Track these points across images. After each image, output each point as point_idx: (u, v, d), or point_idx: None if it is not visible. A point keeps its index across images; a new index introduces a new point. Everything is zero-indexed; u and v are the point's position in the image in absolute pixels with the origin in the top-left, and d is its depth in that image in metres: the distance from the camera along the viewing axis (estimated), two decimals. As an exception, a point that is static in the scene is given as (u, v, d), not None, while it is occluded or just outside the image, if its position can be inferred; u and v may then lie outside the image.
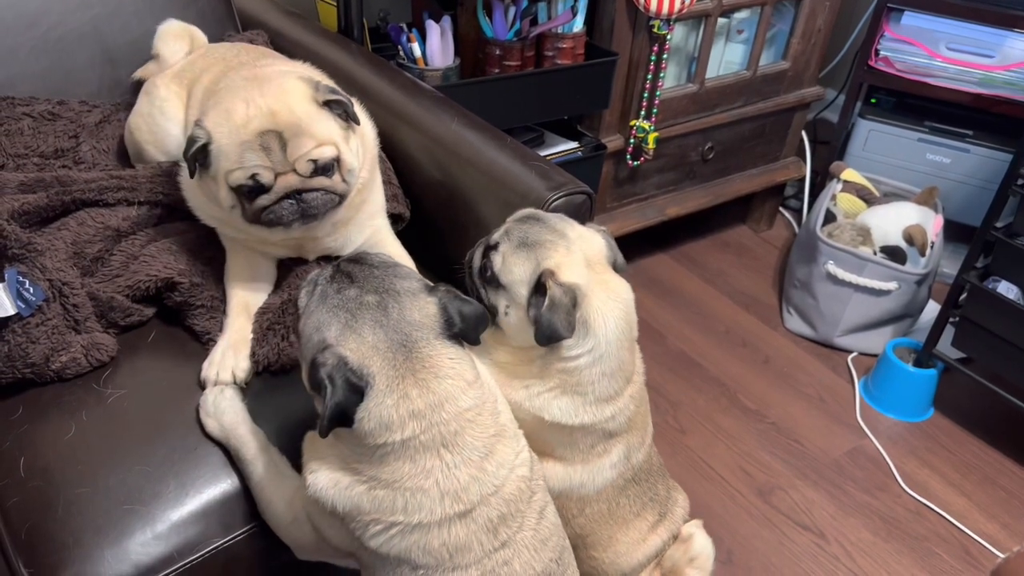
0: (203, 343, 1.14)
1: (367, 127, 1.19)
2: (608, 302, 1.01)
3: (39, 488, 0.98)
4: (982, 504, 1.74)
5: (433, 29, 1.60)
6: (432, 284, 0.92)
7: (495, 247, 1.02)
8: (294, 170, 1.02)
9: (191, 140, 1.02)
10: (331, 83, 1.12)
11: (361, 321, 0.86)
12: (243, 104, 1.01)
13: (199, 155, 1.02)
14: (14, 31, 1.39)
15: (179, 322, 1.18)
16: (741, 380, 2.02)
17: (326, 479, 0.90)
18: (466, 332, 0.91)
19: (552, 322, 0.96)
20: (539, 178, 1.21)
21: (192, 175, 1.06)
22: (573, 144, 1.90)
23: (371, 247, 1.20)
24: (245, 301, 1.14)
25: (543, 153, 1.85)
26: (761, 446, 1.83)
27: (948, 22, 2.11)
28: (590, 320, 1.00)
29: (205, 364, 1.09)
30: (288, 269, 1.21)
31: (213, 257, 1.18)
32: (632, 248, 2.34)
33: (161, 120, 1.28)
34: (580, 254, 1.01)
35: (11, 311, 0.99)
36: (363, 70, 1.45)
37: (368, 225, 1.21)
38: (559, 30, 1.73)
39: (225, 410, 1.04)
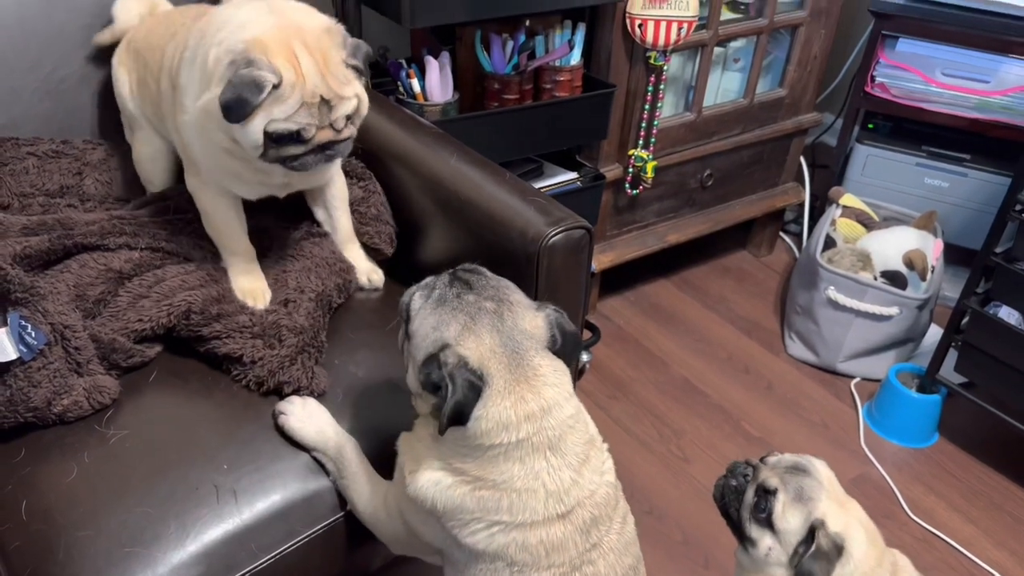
0: (232, 365, 1.16)
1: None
2: (863, 545, 1.07)
3: (41, 532, 0.98)
4: (990, 531, 1.73)
5: (432, 65, 1.62)
6: (547, 303, 0.98)
7: (773, 492, 1.08)
8: (330, 125, 1.07)
9: (256, 80, 0.99)
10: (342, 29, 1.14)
11: (480, 325, 0.90)
12: (296, 59, 1.02)
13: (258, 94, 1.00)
14: (17, 73, 1.40)
15: (190, 354, 1.18)
16: (744, 407, 2.02)
17: (427, 479, 0.94)
18: (566, 351, 0.96)
19: (813, 571, 1.03)
20: (538, 213, 1.22)
21: (240, 119, 1.02)
22: (572, 174, 1.91)
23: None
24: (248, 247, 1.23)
25: (542, 184, 1.86)
26: (765, 474, 1.82)
27: (943, 48, 2.13)
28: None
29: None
30: (298, 290, 1.25)
31: (224, 294, 1.19)
32: (633, 275, 2.35)
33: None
34: (836, 500, 1.09)
35: (13, 355, 0.99)
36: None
37: None
38: (557, 63, 1.75)
39: (315, 414, 1.10)
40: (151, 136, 1.35)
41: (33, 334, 1.02)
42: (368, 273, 1.36)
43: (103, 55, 1.44)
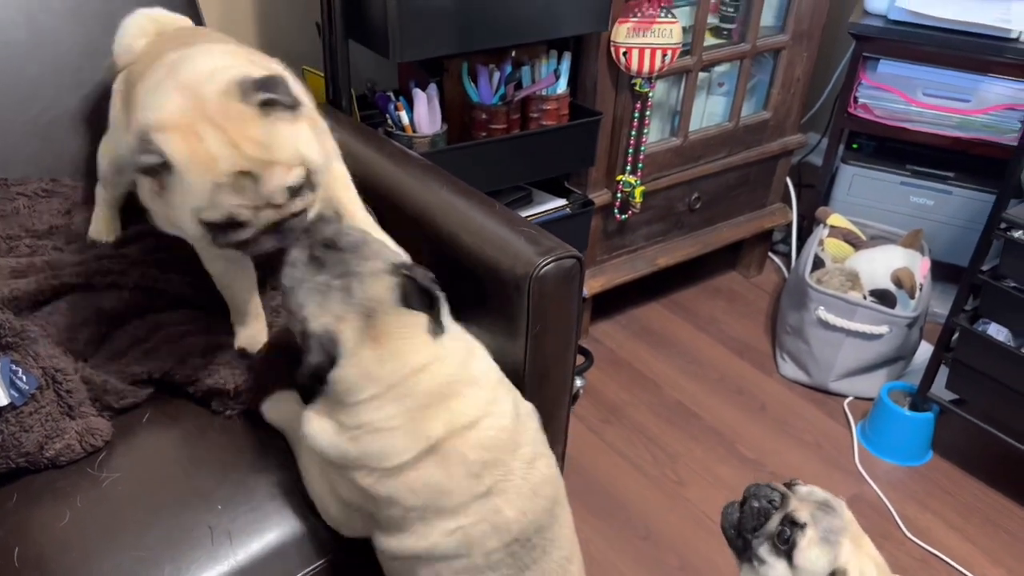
0: (219, 401, 1.17)
1: (304, 97, 1.05)
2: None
3: (34, 579, 0.98)
4: (986, 548, 1.73)
5: (420, 97, 1.63)
6: (401, 263, 1.04)
7: (802, 527, 1.08)
8: (269, 203, 0.95)
9: (142, 165, 0.92)
10: (250, 60, 1.03)
11: (331, 300, 0.99)
12: (196, 137, 0.92)
13: (155, 173, 0.93)
14: (6, 114, 1.41)
15: (183, 395, 1.18)
16: (738, 428, 2.02)
17: (315, 427, 1.02)
18: (417, 303, 1.03)
19: None
20: (528, 243, 1.22)
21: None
22: (562, 201, 1.92)
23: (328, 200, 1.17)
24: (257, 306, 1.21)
25: (532, 211, 1.87)
26: (761, 496, 1.82)
27: (923, 69, 2.16)
28: None
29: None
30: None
31: (225, 342, 1.20)
32: (624, 298, 2.35)
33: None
34: (855, 541, 1.09)
35: (4, 401, 0.99)
36: (353, 141, 1.47)
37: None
38: (543, 92, 1.76)
39: (286, 398, 1.16)
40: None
41: (24, 379, 1.02)
42: None
43: (93, 94, 1.45)
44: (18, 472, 1.05)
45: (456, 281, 1.31)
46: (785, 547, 1.09)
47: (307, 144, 0.98)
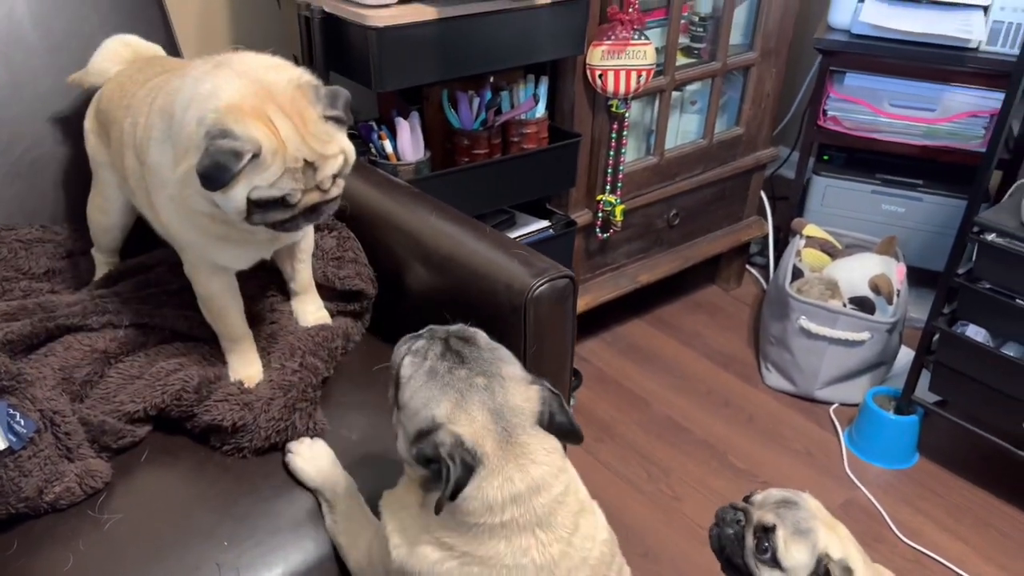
0: (219, 437, 1.16)
1: None
2: (861, 564, 1.11)
3: (39, 627, 0.96)
4: (978, 547, 1.76)
5: (403, 125, 1.65)
6: (533, 376, 0.97)
7: (772, 529, 1.10)
8: (317, 187, 1.03)
9: (235, 150, 0.95)
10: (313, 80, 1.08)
11: (471, 402, 0.90)
12: (273, 124, 0.98)
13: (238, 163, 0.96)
14: (-13, 156, 1.40)
15: (181, 431, 1.17)
16: (728, 440, 2.04)
17: (416, 556, 0.94)
18: (557, 431, 0.96)
19: None
20: (521, 266, 1.23)
21: (219, 187, 0.97)
22: (544, 223, 1.94)
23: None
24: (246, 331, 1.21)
25: (516, 233, 1.89)
26: (756, 507, 1.83)
27: (888, 80, 2.22)
28: None
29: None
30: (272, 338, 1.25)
31: (221, 374, 1.19)
32: (607, 316, 2.37)
33: None
34: (828, 526, 1.13)
35: (2, 446, 0.97)
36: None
37: None
38: (523, 116, 1.79)
39: (321, 455, 1.13)
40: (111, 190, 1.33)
41: (22, 422, 1.00)
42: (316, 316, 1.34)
43: (74, 133, 1.44)
44: (18, 518, 1.04)
45: (451, 306, 1.32)
46: (767, 555, 1.11)
47: (347, 140, 1.07)
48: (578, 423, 0.97)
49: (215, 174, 0.96)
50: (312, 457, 1.13)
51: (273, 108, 0.99)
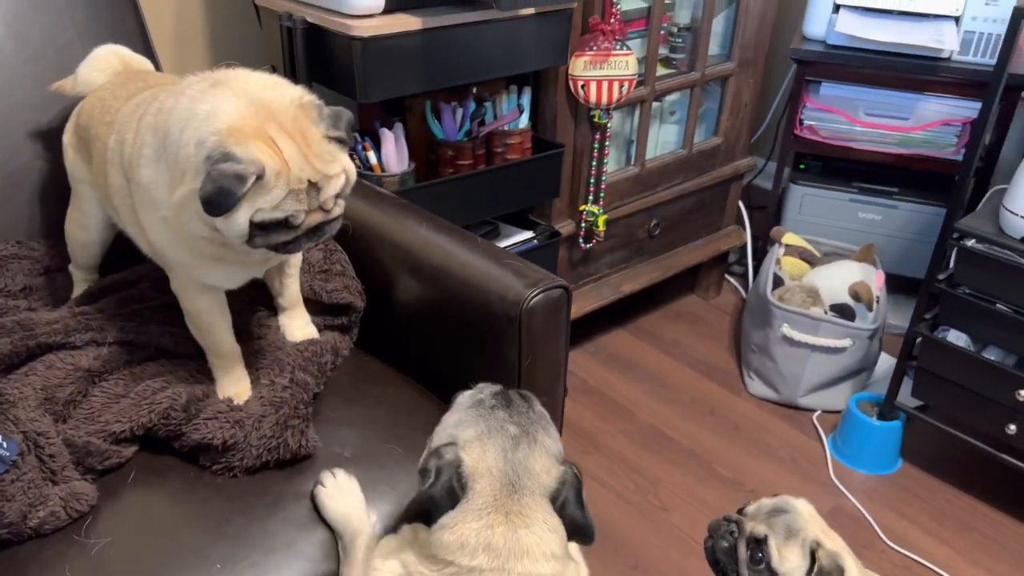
0: (208, 456, 1.13)
1: None
2: (856, 571, 1.12)
3: (25, 658, 0.92)
4: (963, 551, 1.78)
5: (387, 136, 1.63)
6: (565, 459, 0.95)
7: (764, 540, 1.11)
8: (320, 207, 1.02)
9: (238, 173, 0.93)
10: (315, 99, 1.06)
11: (492, 441, 0.91)
12: (276, 145, 0.96)
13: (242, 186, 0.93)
14: (-39, 172, 1.36)
15: (168, 451, 1.13)
16: (714, 449, 2.04)
17: (387, 570, 0.94)
18: (570, 524, 0.92)
19: None
20: (515, 276, 1.22)
21: (222, 212, 0.95)
22: (528, 233, 1.93)
23: None
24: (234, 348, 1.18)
25: (501, 245, 1.87)
26: (744, 515, 1.83)
27: (863, 90, 2.25)
28: None
29: None
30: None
31: (208, 392, 1.16)
32: (590, 326, 2.37)
33: None
34: (822, 531, 1.14)
35: (-15, 469, 0.94)
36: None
37: None
38: (507, 127, 1.78)
39: (347, 492, 1.08)
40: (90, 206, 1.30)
41: (5, 445, 0.96)
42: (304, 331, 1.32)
43: (51, 147, 1.40)
44: (0, 544, 1.00)
45: (442, 318, 1.31)
46: (762, 566, 1.11)
47: (348, 159, 1.06)
48: (593, 523, 0.93)
49: (219, 199, 0.93)
50: (338, 493, 1.08)
51: (275, 128, 0.97)
